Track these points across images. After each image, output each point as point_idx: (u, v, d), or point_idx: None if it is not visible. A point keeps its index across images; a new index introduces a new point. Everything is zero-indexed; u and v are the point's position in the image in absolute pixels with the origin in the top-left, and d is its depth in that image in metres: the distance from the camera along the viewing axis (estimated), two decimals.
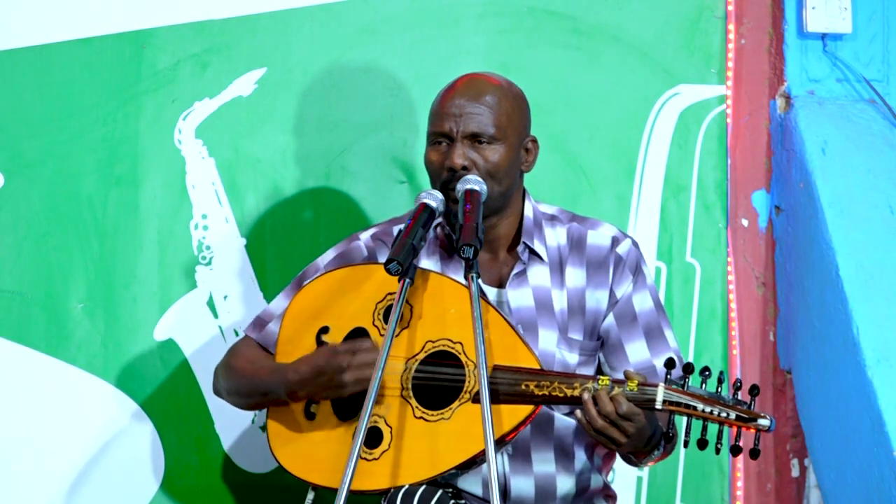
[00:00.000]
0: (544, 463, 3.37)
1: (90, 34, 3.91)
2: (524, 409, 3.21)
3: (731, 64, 4.26)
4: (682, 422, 3.16)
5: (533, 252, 3.42)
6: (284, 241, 4.01)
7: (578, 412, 3.16)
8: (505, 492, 3.35)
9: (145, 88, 3.95)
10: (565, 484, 3.39)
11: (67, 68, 3.90)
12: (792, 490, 4.27)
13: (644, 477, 4.20)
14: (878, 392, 3.88)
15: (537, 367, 3.22)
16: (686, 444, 3.16)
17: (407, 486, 3.23)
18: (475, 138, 3.35)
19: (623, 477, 4.13)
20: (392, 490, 3.24)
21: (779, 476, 4.27)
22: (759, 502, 4.26)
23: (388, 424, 3.27)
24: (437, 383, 3.27)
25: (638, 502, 4.19)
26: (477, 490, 3.36)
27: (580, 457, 3.41)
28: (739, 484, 4.23)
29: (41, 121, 3.89)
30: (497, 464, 3.32)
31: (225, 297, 3.98)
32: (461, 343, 3.27)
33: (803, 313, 4.18)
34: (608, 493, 3.50)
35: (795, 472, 4.28)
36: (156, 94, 3.95)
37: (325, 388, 3.30)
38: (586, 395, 3.14)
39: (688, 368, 3.11)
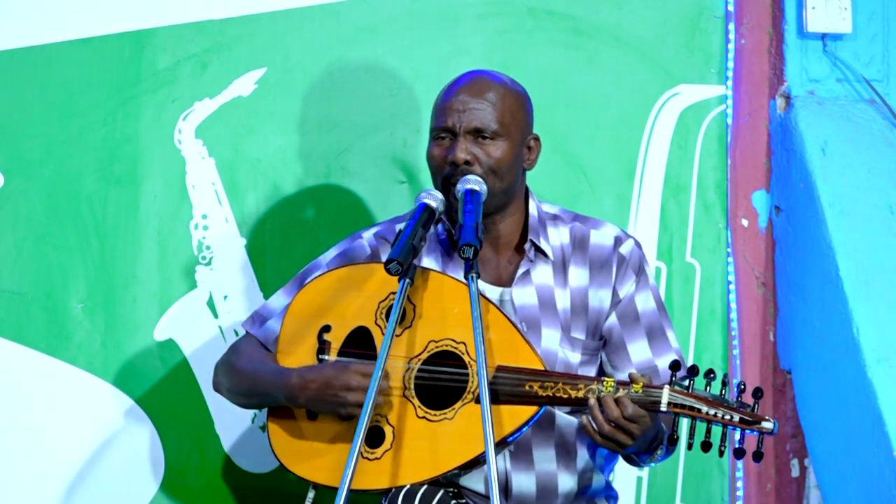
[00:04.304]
0: (546, 461, 3.37)
1: (90, 34, 3.91)
2: (527, 410, 3.21)
3: (731, 64, 4.26)
4: (683, 424, 3.15)
5: (539, 250, 3.42)
6: (284, 241, 4.01)
7: (585, 418, 3.16)
8: (506, 489, 3.36)
9: (145, 88, 3.94)
10: (567, 482, 3.39)
11: (67, 68, 3.90)
12: (792, 490, 4.27)
13: (644, 477, 4.21)
14: (878, 392, 3.89)
15: (541, 367, 3.22)
16: (689, 447, 3.16)
17: (408, 486, 3.23)
18: (478, 134, 3.36)
19: (623, 477, 4.13)
20: (393, 490, 3.24)
21: (779, 476, 4.27)
22: (759, 502, 4.26)
23: (389, 424, 3.27)
24: (440, 383, 3.27)
25: (638, 502, 4.19)
26: (479, 488, 3.36)
27: (582, 455, 3.41)
28: (739, 484, 4.23)
29: (41, 121, 3.89)
30: (498, 461, 3.32)
31: (225, 297, 3.97)
32: (465, 343, 3.27)
33: (803, 313, 4.18)
34: (610, 494, 3.50)
35: (795, 472, 4.28)
36: (156, 94, 3.95)
37: (326, 402, 3.29)
38: (592, 401, 3.15)
39: (693, 370, 3.12)
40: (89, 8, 3.91)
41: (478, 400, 3.23)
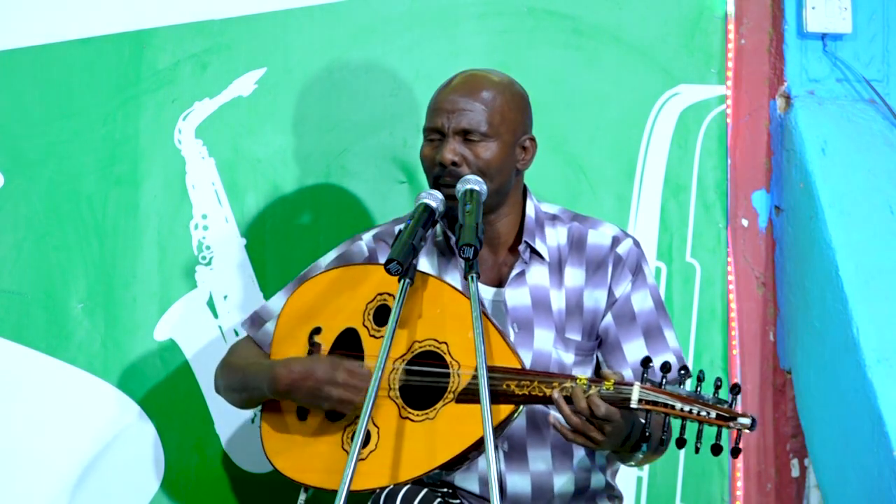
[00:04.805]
0: (540, 461, 3.37)
1: (90, 34, 3.91)
2: (505, 409, 3.21)
3: (731, 64, 4.26)
4: (676, 424, 3.14)
5: (534, 251, 3.42)
6: (284, 241, 4.01)
7: (552, 416, 3.16)
8: (501, 489, 3.35)
9: (145, 88, 3.94)
10: (562, 482, 3.39)
11: (67, 68, 3.90)
12: (792, 490, 4.27)
13: (644, 477, 4.21)
14: (878, 392, 3.89)
15: (518, 366, 3.23)
16: (662, 443, 3.15)
17: (391, 487, 3.23)
18: (466, 135, 3.35)
19: (623, 477, 4.12)
20: (377, 490, 3.24)
21: (779, 476, 4.27)
22: (759, 502, 4.26)
23: (375, 424, 3.28)
24: (423, 383, 3.28)
25: (638, 502, 4.19)
26: (474, 488, 3.37)
27: (578, 455, 3.40)
28: (739, 484, 4.23)
29: (41, 121, 3.89)
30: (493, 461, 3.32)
31: (225, 297, 3.98)
32: (446, 343, 3.27)
33: (803, 313, 4.18)
34: (612, 493, 3.50)
35: (795, 472, 4.28)
36: (156, 94, 3.95)
37: (308, 394, 3.30)
38: (556, 395, 3.14)
39: (665, 367, 3.09)
40: (89, 8, 3.91)
41: (458, 399, 3.23)
